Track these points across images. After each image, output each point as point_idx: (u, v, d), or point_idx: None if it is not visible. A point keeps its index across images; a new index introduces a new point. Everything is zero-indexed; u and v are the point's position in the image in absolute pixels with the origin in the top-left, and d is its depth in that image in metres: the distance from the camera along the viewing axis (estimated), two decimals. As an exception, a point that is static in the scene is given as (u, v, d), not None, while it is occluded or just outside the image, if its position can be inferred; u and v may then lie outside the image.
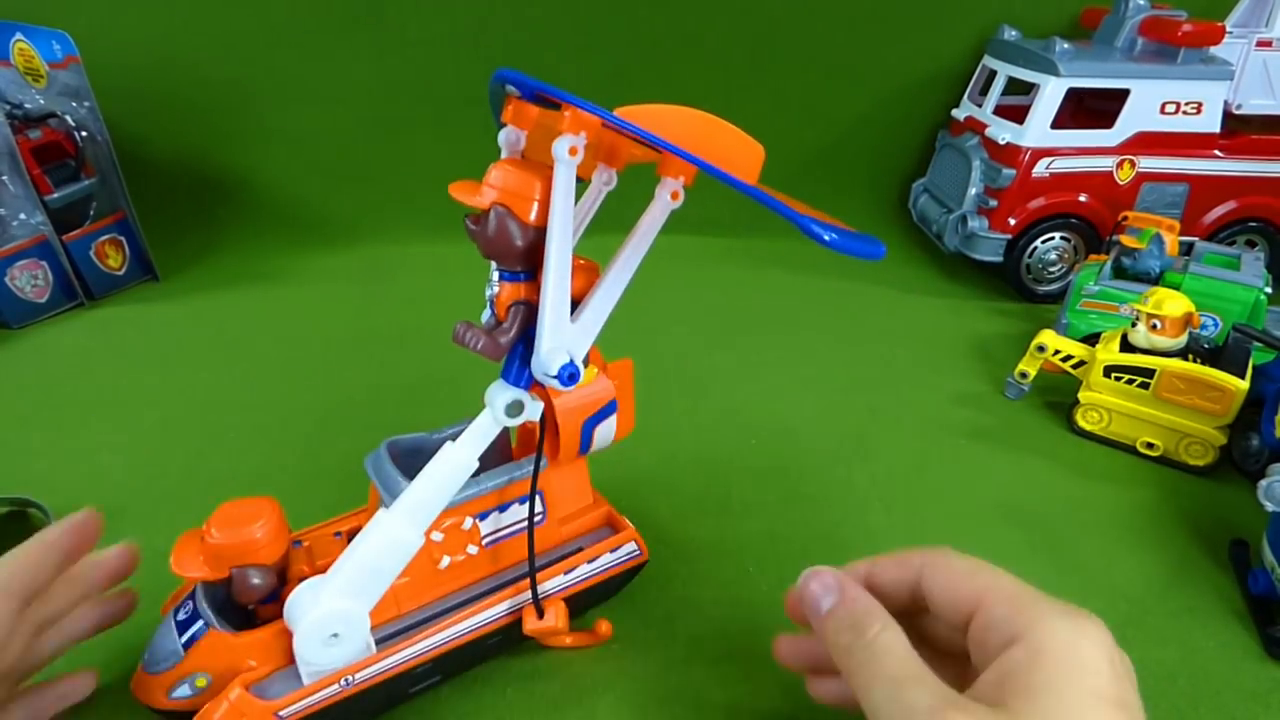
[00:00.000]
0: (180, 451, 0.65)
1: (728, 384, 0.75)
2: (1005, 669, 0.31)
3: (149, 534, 0.56)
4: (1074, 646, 0.30)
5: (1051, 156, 0.89)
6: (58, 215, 0.89)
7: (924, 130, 1.13)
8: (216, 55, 1.04)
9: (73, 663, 0.42)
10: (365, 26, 1.04)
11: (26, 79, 0.90)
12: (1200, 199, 0.91)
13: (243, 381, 0.75)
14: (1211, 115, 0.88)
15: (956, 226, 0.94)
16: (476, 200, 0.35)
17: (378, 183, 1.09)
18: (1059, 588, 0.51)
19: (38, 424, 0.69)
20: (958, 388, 0.75)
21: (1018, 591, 0.33)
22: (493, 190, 0.35)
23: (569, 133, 0.34)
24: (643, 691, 0.45)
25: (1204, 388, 0.61)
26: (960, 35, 1.08)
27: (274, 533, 0.39)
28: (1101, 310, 0.75)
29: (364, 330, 0.84)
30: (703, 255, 1.04)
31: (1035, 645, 0.31)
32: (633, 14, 1.06)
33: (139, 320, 0.89)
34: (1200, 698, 0.45)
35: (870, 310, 0.91)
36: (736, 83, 1.10)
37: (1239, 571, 0.53)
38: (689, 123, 0.34)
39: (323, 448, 0.65)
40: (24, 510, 0.57)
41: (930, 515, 0.59)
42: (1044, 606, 0.32)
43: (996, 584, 0.34)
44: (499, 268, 0.38)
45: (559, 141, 0.34)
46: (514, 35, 1.05)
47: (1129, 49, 0.92)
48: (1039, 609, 0.32)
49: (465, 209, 0.37)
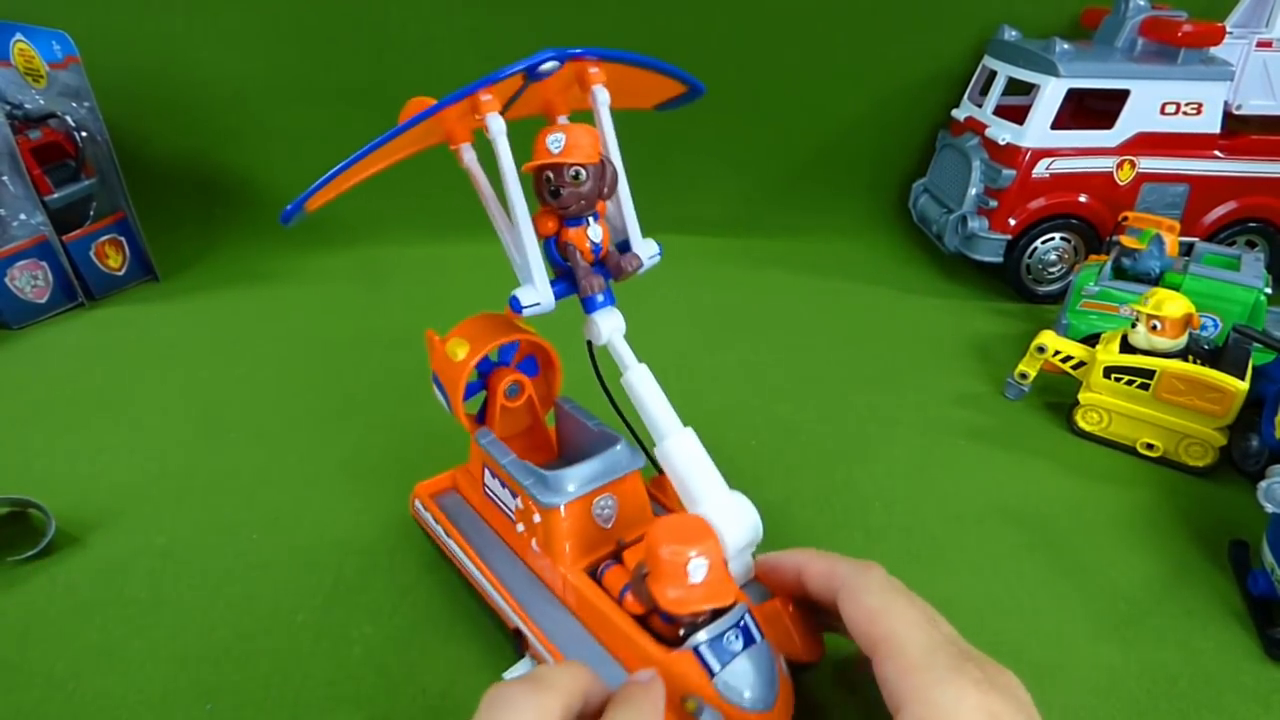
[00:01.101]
0: (180, 451, 0.65)
1: (728, 384, 0.75)
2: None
3: (149, 534, 0.56)
4: (953, 714, 0.30)
5: (1051, 157, 0.89)
6: (58, 215, 0.89)
7: (924, 130, 1.12)
8: (216, 55, 1.04)
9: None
10: (365, 26, 1.04)
11: (26, 79, 0.90)
12: (1200, 199, 0.91)
13: (243, 381, 0.75)
14: (1212, 116, 0.88)
15: (956, 227, 0.94)
16: (588, 156, 0.41)
17: (378, 183, 1.09)
18: (1059, 588, 0.52)
19: (38, 424, 0.69)
20: (958, 388, 0.75)
21: (908, 648, 0.33)
22: (591, 149, 0.41)
23: (490, 113, 0.40)
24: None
25: (1204, 389, 0.61)
26: (960, 35, 1.08)
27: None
28: (1101, 311, 0.75)
29: (364, 330, 0.85)
30: (703, 255, 1.04)
31: (919, 717, 0.31)
32: (633, 14, 1.06)
33: (139, 320, 0.89)
34: (1201, 699, 0.45)
35: (870, 310, 0.91)
36: (737, 82, 1.10)
37: (1239, 572, 0.53)
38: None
39: (323, 448, 0.65)
40: (24, 510, 0.57)
41: (930, 515, 0.59)
42: (925, 675, 0.32)
43: (892, 637, 0.34)
44: (582, 215, 0.42)
45: (493, 120, 0.40)
46: (514, 35, 1.05)
47: (1129, 49, 0.91)
48: (920, 678, 0.32)
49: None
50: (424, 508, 0.53)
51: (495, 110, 0.40)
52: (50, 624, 0.49)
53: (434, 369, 0.49)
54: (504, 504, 0.48)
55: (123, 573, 0.52)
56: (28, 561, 0.53)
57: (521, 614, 0.44)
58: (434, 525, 0.52)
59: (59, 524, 0.55)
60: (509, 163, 0.40)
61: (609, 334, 0.45)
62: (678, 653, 0.36)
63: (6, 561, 0.53)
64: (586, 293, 0.43)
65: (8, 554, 0.53)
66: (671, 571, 0.36)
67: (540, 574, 0.46)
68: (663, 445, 0.44)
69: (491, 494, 0.49)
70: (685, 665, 0.36)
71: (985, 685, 0.31)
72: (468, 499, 0.53)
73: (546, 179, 0.41)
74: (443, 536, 0.51)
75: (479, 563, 0.48)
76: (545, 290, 0.42)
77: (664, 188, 1.13)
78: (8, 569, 0.53)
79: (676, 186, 1.13)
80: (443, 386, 0.49)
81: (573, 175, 0.40)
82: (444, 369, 0.48)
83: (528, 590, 0.45)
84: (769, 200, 1.15)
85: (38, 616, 0.49)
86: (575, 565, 0.44)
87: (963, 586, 0.52)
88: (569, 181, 0.41)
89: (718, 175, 1.15)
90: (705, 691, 0.36)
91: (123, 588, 0.51)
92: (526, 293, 0.42)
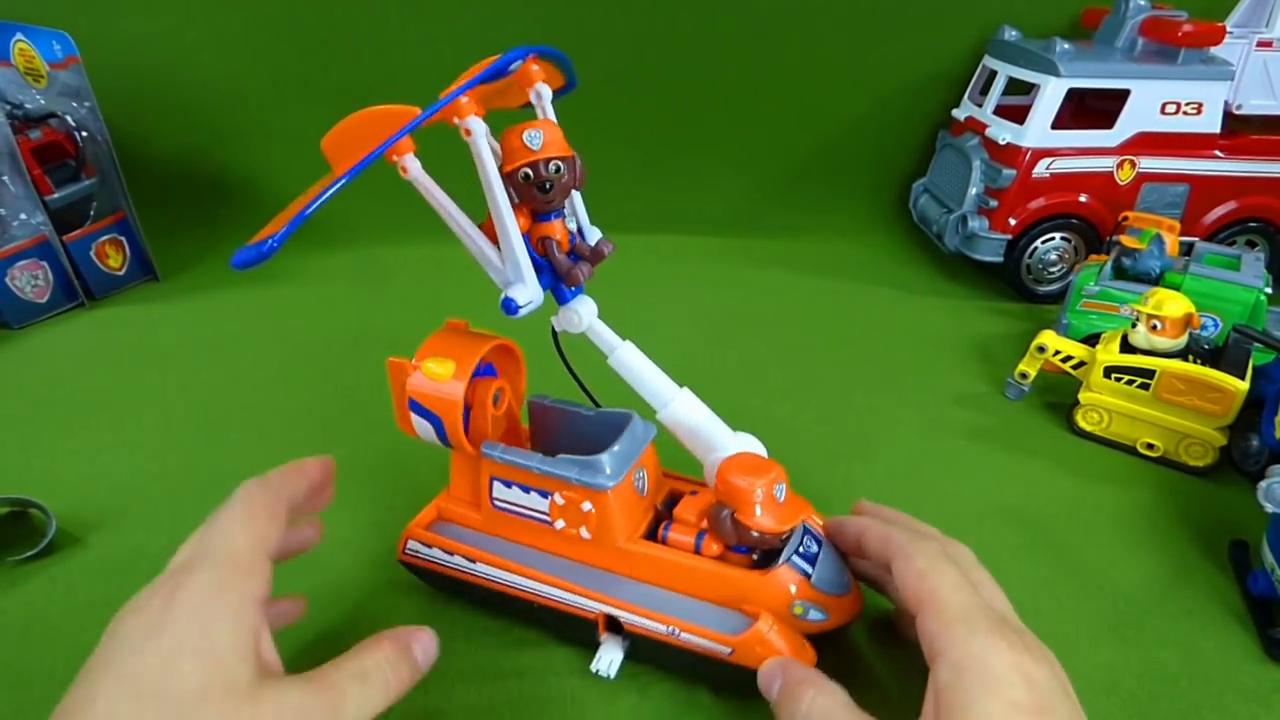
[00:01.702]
0: (180, 451, 0.65)
1: (728, 384, 0.75)
2: (935, 690, 0.33)
3: (149, 534, 0.56)
4: (985, 664, 0.33)
5: (1052, 157, 0.89)
6: (58, 215, 0.89)
7: (924, 130, 1.12)
8: (216, 55, 1.04)
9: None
10: (365, 26, 1.04)
11: (27, 79, 0.90)
12: (1201, 199, 0.91)
13: (243, 381, 0.75)
14: (1212, 115, 0.88)
15: (957, 226, 0.94)
16: (565, 149, 0.41)
17: (377, 183, 1.09)
18: (1059, 588, 0.52)
19: (38, 424, 0.69)
20: (958, 388, 0.75)
21: (949, 606, 0.36)
22: (563, 142, 0.42)
23: (470, 115, 0.40)
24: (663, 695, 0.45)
25: (1204, 388, 0.61)
26: (960, 35, 1.08)
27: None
28: (1101, 311, 0.75)
29: (363, 330, 0.85)
30: (703, 255, 1.04)
31: (954, 663, 0.33)
32: (633, 14, 1.05)
33: (139, 320, 0.89)
34: (1201, 699, 0.45)
35: (870, 310, 0.91)
36: (737, 83, 1.10)
37: (1239, 572, 0.53)
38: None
39: (323, 448, 0.64)
40: (24, 510, 0.57)
41: (930, 515, 0.58)
42: (962, 628, 0.34)
43: (938, 593, 0.36)
44: (556, 208, 0.42)
45: (475, 122, 0.40)
46: (514, 36, 1.05)
47: (1129, 49, 0.91)
48: (958, 631, 0.34)
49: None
50: (426, 544, 0.49)
51: (475, 112, 0.39)
52: (50, 624, 0.49)
53: (412, 397, 0.45)
54: (530, 509, 0.46)
55: (123, 573, 0.52)
56: (28, 561, 0.53)
57: (603, 598, 0.44)
58: (447, 558, 0.48)
59: (59, 524, 0.55)
60: (493, 164, 0.40)
61: (589, 319, 0.45)
62: (776, 569, 0.42)
63: (6, 561, 0.53)
64: (577, 282, 0.44)
65: (8, 554, 0.53)
66: (764, 499, 0.41)
67: (593, 560, 0.46)
68: (669, 409, 0.47)
69: (506, 506, 0.47)
70: (786, 577, 0.42)
71: (1020, 647, 0.33)
72: (465, 524, 0.50)
73: (524, 176, 0.40)
74: (464, 566, 0.48)
75: (532, 572, 0.46)
76: (535, 287, 0.42)
77: (664, 188, 1.13)
78: (8, 569, 0.53)
79: (676, 186, 1.13)
80: (432, 412, 0.45)
81: (554, 170, 0.41)
82: (428, 394, 0.44)
83: (595, 578, 0.45)
84: (769, 200, 1.15)
85: (38, 616, 0.49)
86: (635, 536, 0.45)
87: (963, 586, 0.52)
88: (552, 176, 0.41)
89: (718, 175, 1.14)
90: (806, 592, 0.42)
91: (123, 588, 0.50)
92: (520, 291, 0.42)
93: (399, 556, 0.50)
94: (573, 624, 0.46)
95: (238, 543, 0.35)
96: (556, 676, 0.46)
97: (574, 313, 0.45)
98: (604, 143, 1.13)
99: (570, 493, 0.44)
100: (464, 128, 0.39)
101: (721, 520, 0.42)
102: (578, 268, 0.43)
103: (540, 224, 0.43)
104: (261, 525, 0.37)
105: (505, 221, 0.41)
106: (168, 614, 0.32)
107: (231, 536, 0.35)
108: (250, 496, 0.38)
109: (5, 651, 0.47)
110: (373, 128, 0.38)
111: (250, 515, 0.37)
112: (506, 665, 0.47)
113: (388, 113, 0.38)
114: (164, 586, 0.33)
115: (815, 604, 0.42)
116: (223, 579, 0.33)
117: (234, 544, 0.35)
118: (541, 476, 0.45)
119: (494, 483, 0.47)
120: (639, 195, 1.10)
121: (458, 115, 0.39)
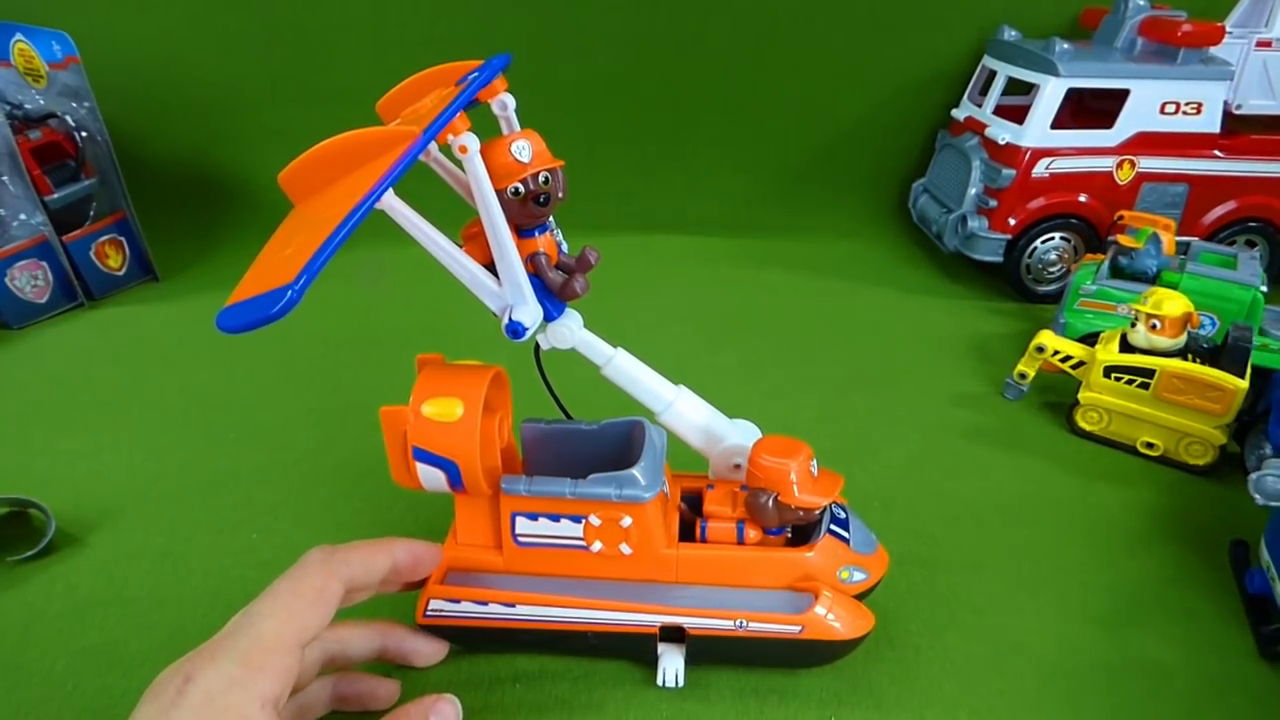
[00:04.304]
0: (180, 451, 0.65)
1: (728, 384, 0.75)
2: None
3: (149, 534, 0.56)
4: None
5: (1051, 157, 0.89)
6: (58, 215, 0.89)
7: (924, 130, 1.13)
8: (216, 55, 1.04)
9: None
10: (365, 26, 1.04)
11: (26, 79, 0.90)
12: (1200, 199, 0.91)
13: (243, 381, 0.75)
14: (1211, 115, 0.88)
15: (956, 227, 0.94)
16: (553, 160, 0.40)
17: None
18: (1059, 588, 0.52)
19: (38, 424, 0.69)
20: (957, 388, 0.75)
21: None
22: (548, 152, 0.40)
23: (465, 132, 0.38)
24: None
25: (1203, 387, 0.61)
26: (960, 35, 1.08)
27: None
28: (1099, 310, 0.75)
29: (364, 330, 0.84)
30: (703, 255, 1.04)
31: None
32: (633, 14, 1.06)
33: (139, 320, 0.89)
34: (1200, 699, 0.45)
35: (870, 310, 0.91)
36: (736, 83, 1.10)
37: (1238, 572, 0.53)
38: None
39: (323, 448, 0.65)
40: (24, 510, 0.57)
41: (930, 515, 0.59)
42: None
43: None
44: (544, 222, 0.41)
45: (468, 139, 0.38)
46: (514, 36, 1.05)
47: (1129, 49, 0.92)
48: None
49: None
50: (453, 600, 0.45)
51: (469, 128, 0.38)
52: (50, 624, 0.49)
53: (417, 446, 0.41)
54: (562, 537, 0.44)
55: (123, 573, 0.52)
56: (28, 561, 0.53)
57: (661, 609, 0.44)
58: (480, 609, 0.45)
59: (59, 524, 0.55)
60: (489, 182, 0.38)
61: (579, 331, 0.44)
62: (819, 541, 0.44)
63: (6, 561, 0.53)
64: (576, 296, 0.42)
65: (8, 554, 0.53)
66: (801, 478, 0.43)
67: (636, 574, 0.45)
68: (672, 410, 0.47)
69: (533, 540, 0.45)
70: (830, 547, 0.45)
71: None
72: (486, 569, 0.46)
73: (515, 191, 0.39)
74: (503, 614, 0.45)
75: (582, 601, 0.44)
76: (536, 307, 0.41)
77: (664, 188, 1.13)
78: (8, 569, 0.53)
79: (676, 186, 1.13)
80: (444, 458, 0.41)
81: (544, 181, 0.39)
82: (437, 438, 0.41)
83: (645, 591, 0.44)
84: (769, 200, 1.15)
85: (38, 616, 0.49)
86: (673, 542, 0.45)
87: (962, 586, 0.52)
88: (543, 188, 0.39)
89: (718, 175, 1.15)
90: (849, 557, 0.45)
91: (123, 588, 0.51)
92: (525, 313, 0.40)
93: (419, 621, 0.45)
94: (632, 644, 0.45)
95: (264, 632, 0.34)
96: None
97: (565, 328, 0.43)
98: (604, 143, 1.14)
99: (607, 511, 0.43)
100: (459, 145, 0.37)
101: (763, 505, 0.43)
102: (573, 281, 0.41)
103: (525, 240, 0.41)
104: (302, 610, 0.35)
105: (505, 242, 0.39)
106: (174, 711, 0.31)
107: (261, 623, 0.34)
108: (304, 573, 0.37)
109: (5, 651, 0.47)
110: (346, 160, 0.36)
111: (292, 595, 0.36)
112: (505, 670, 0.47)
113: (360, 141, 0.36)
114: (183, 670, 0.32)
115: (857, 566, 0.45)
116: (234, 676, 0.32)
117: (260, 632, 0.34)
118: (576, 501, 0.43)
119: (515, 518, 0.44)
120: (638, 195, 1.11)
121: (452, 133, 0.37)
